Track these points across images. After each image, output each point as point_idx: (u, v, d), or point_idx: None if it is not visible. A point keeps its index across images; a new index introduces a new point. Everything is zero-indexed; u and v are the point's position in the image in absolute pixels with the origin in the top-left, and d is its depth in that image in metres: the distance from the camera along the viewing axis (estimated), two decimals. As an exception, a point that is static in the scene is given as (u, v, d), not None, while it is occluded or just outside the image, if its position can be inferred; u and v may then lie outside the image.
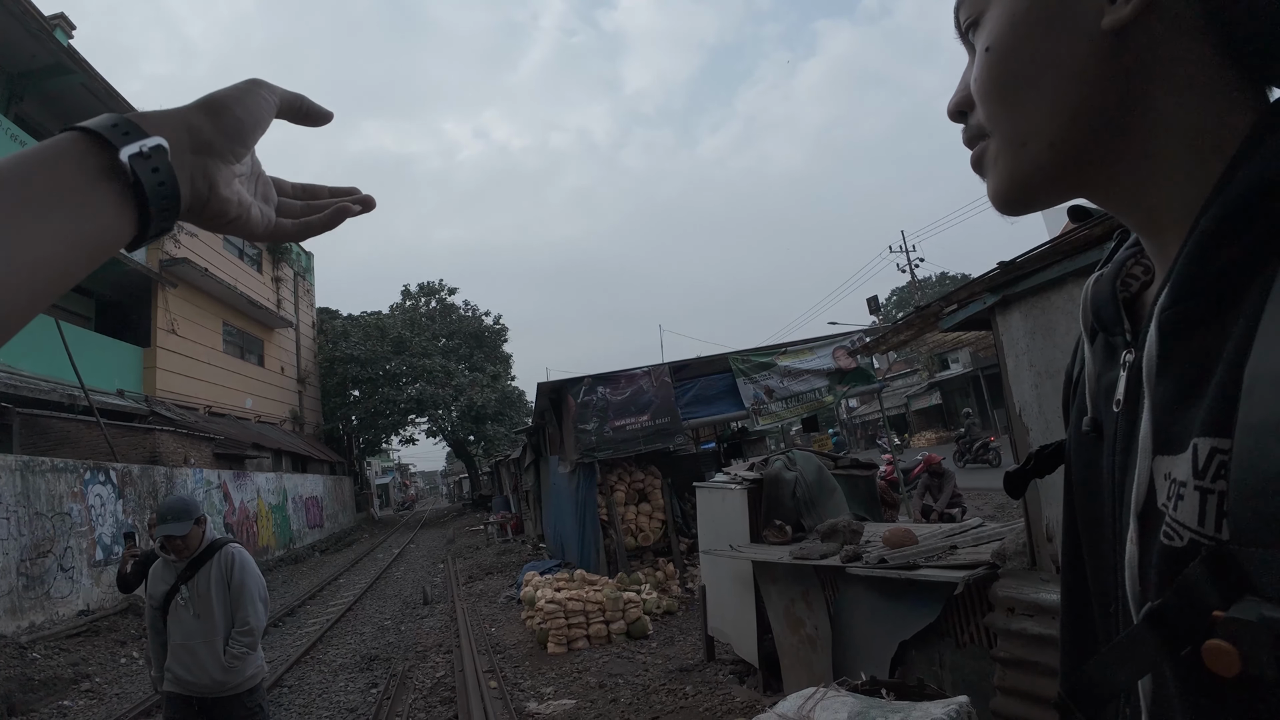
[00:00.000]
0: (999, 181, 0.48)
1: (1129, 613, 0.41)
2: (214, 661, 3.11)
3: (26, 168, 0.40)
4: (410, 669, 6.99)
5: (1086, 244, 2.50)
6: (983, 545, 3.43)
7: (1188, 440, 0.37)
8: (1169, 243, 0.43)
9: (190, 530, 3.17)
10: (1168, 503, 0.38)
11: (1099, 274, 0.53)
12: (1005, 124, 0.46)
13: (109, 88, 14.82)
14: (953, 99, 0.52)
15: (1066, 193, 0.48)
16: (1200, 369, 0.37)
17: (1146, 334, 0.42)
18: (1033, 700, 2.60)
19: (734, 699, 4.90)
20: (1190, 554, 0.35)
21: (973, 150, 0.50)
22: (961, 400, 33.96)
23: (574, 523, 10.18)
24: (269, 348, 24.72)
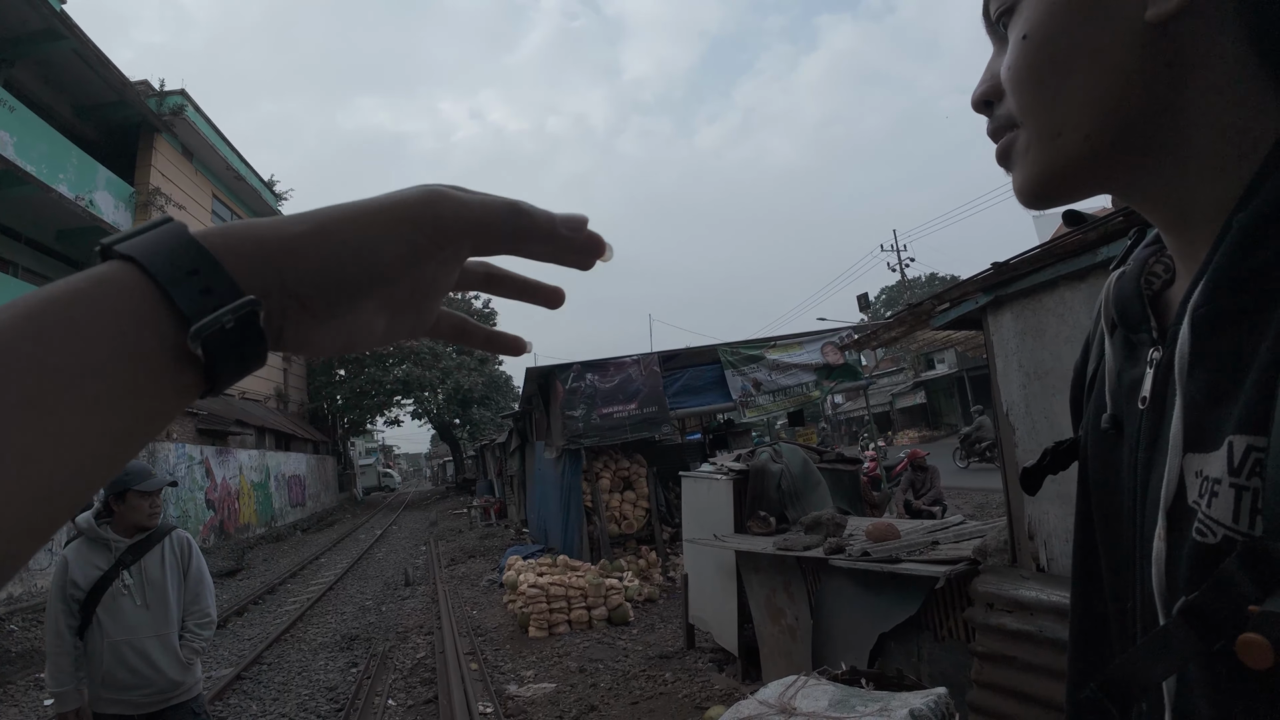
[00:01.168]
0: (1029, 173, 0.47)
1: (1150, 609, 0.41)
2: (169, 658, 2.67)
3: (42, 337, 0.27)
4: (391, 649, 7.00)
5: (1080, 248, 2.52)
6: (964, 542, 3.48)
7: (1220, 438, 0.37)
8: (1197, 240, 0.43)
9: (157, 499, 2.78)
10: (1199, 500, 0.38)
11: (1121, 271, 0.52)
12: (1039, 114, 0.45)
13: (101, 55, 14.55)
14: (978, 89, 0.50)
15: (1095, 187, 0.47)
16: (1234, 367, 0.37)
17: (1175, 331, 0.42)
18: (1009, 694, 2.65)
19: (713, 686, 4.95)
20: (1224, 550, 0.35)
21: (998, 142, 0.49)
22: (946, 400, 34.27)
23: (558, 508, 10.21)
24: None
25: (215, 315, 0.30)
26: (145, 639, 2.62)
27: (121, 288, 0.29)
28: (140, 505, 2.70)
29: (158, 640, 2.64)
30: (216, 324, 0.30)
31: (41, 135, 13.31)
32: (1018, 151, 0.47)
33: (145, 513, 2.72)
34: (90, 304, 0.28)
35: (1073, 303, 2.62)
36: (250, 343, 0.31)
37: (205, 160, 20.47)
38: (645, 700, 4.91)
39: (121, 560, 2.64)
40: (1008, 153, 0.48)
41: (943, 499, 9.37)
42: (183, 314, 0.29)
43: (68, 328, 0.28)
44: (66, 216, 14.23)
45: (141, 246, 0.31)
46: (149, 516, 2.75)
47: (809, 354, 10.39)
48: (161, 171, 17.84)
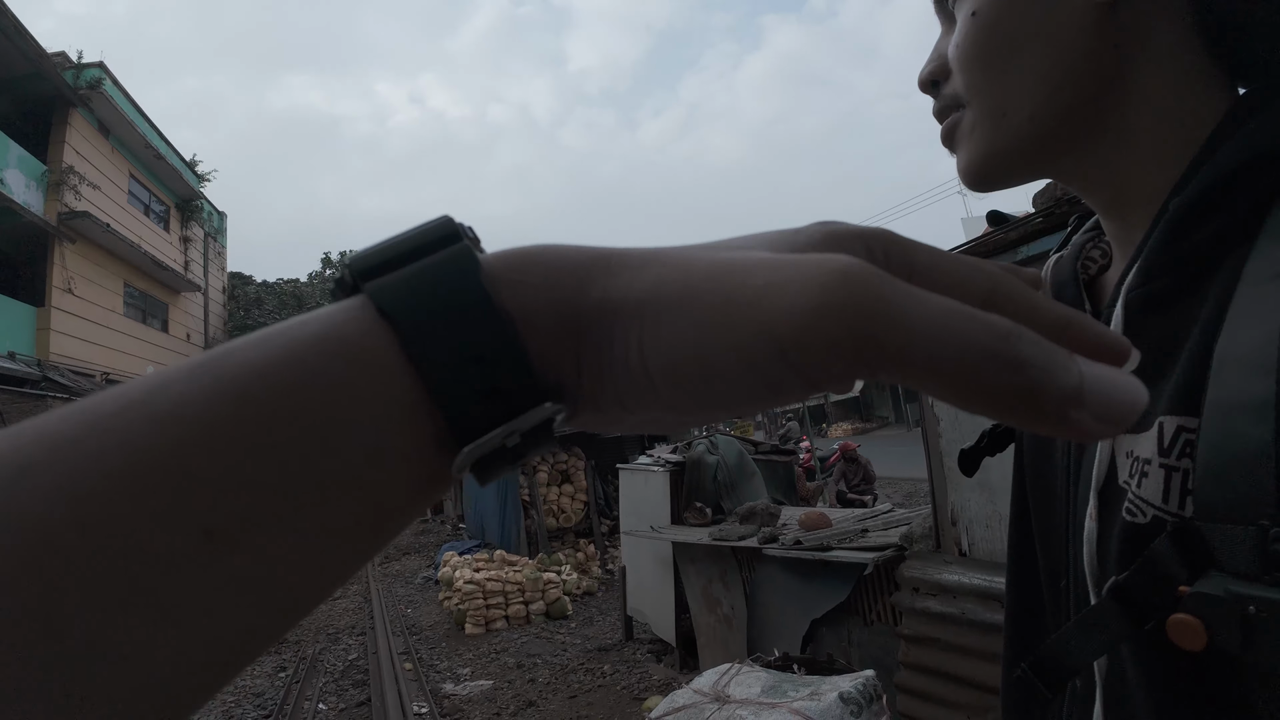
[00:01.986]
0: (974, 153, 0.47)
1: (1082, 588, 0.41)
2: None
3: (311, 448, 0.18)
4: (321, 652, 6.79)
5: (1002, 247, 2.63)
6: (892, 529, 3.59)
7: (1151, 419, 0.37)
8: (1134, 224, 0.44)
9: None
10: (1130, 480, 0.38)
11: (1058, 256, 0.53)
12: (985, 93, 0.45)
13: (18, 24, 13.54)
14: (925, 68, 0.50)
15: (1039, 169, 0.47)
16: (1165, 349, 0.38)
17: (1108, 314, 0.42)
18: (934, 674, 2.75)
19: (651, 677, 4.98)
20: (1153, 531, 0.35)
21: (943, 123, 0.49)
22: (878, 394, 35.41)
23: (495, 503, 10.08)
24: (174, 312, 23.29)
25: (499, 432, 0.20)
26: None
27: (380, 371, 0.19)
28: None
29: None
30: (495, 443, 0.20)
31: (-49, 111, 12.34)
32: (963, 131, 0.47)
33: None
34: (352, 400, 0.19)
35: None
36: (532, 446, 0.21)
37: (123, 137, 19.31)
38: (584, 693, 4.90)
39: None
40: (952, 133, 0.48)
41: (874, 489, 9.69)
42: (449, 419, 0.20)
43: (328, 431, 0.18)
44: (-26, 197, 13.23)
45: (402, 295, 0.20)
46: None
47: (747, 347, 10.53)
48: (76, 149, 16.76)
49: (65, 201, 15.83)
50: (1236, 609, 0.29)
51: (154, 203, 22.07)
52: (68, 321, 16.13)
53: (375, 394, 0.19)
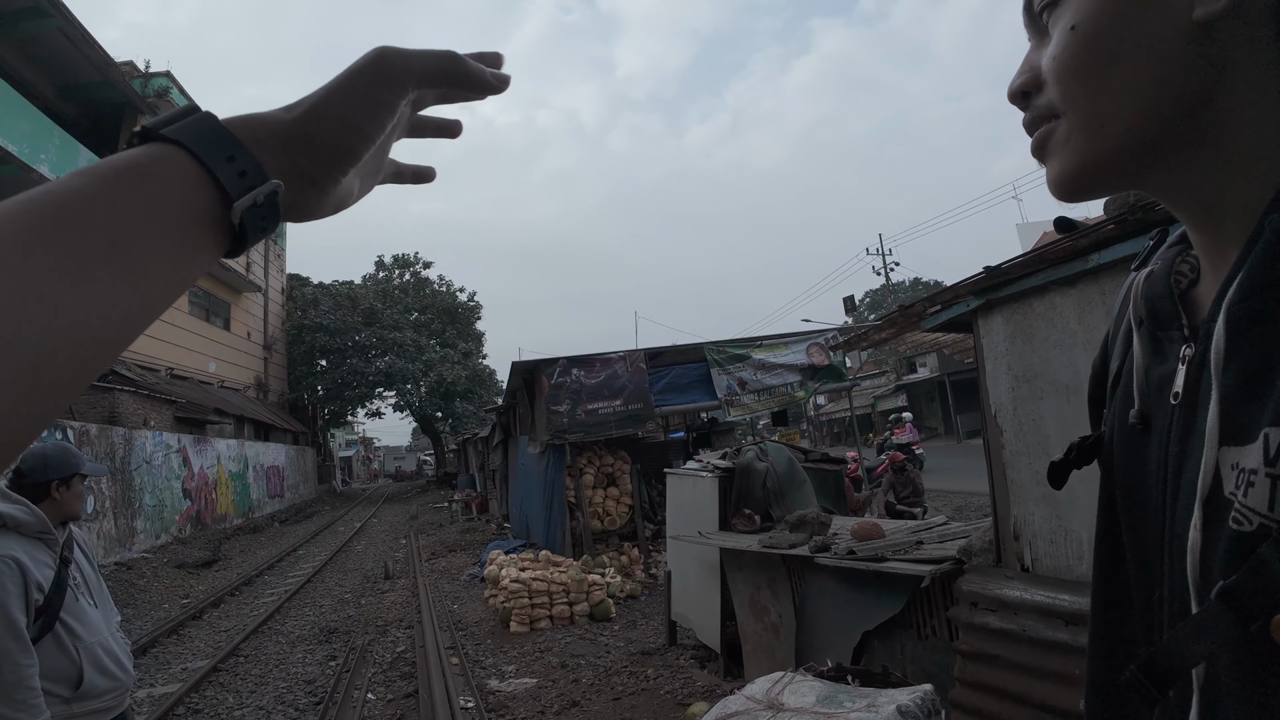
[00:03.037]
0: (1069, 163, 0.48)
1: (1180, 599, 0.43)
2: (126, 655, 2.44)
3: (119, 197, 0.35)
4: (370, 643, 6.95)
5: (1071, 254, 2.56)
6: (948, 542, 3.52)
7: (1256, 431, 0.38)
8: (1227, 239, 0.45)
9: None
10: (1236, 490, 0.39)
11: (1149, 270, 0.53)
12: (1084, 104, 0.46)
13: (86, 34, 14.28)
14: (1016, 80, 0.51)
15: (1131, 180, 0.48)
16: (1267, 364, 0.39)
17: (1208, 328, 0.43)
18: (991, 692, 2.68)
19: (695, 683, 4.97)
20: (1260, 537, 0.37)
21: (1034, 134, 0.50)
22: (927, 403, 34.63)
23: (541, 503, 10.18)
24: (236, 311, 24.19)
25: (251, 195, 0.39)
26: (111, 640, 2.39)
27: (174, 164, 0.37)
28: (81, 492, 2.44)
29: (116, 639, 2.42)
30: (250, 201, 0.39)
31: (24, 114, 13.04)
32: (1056, 142, 0.48)
33: (82, 499, 2.47)
34: (156, 177, 0.36)
35: (1063, 308, 2.65)
36: (271, 216, 0.40)
37: (188, 144, 20.15)
38: (627, 696, 4.91)
39: (64, 556, 2.33)
40: (1044, 143, 0.49)
41: (923, 501, 9.48)
42: (224, 191, 0.38)
43: (142, 192, 0.36)
44: (46, 198, 13.93)
45: (184, 132, 0.38)
46: (83, 503, 2.50)
47: (794, 354, 10.43)
48: (143, 155, 17.54)
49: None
50: None
51: (218, 206, 22.91)
52: (136, 318, 16.85)
53: (178, 177, 0.37)
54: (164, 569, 11.61)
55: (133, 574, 10.79)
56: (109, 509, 11.85)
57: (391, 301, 33.50)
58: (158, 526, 13.73)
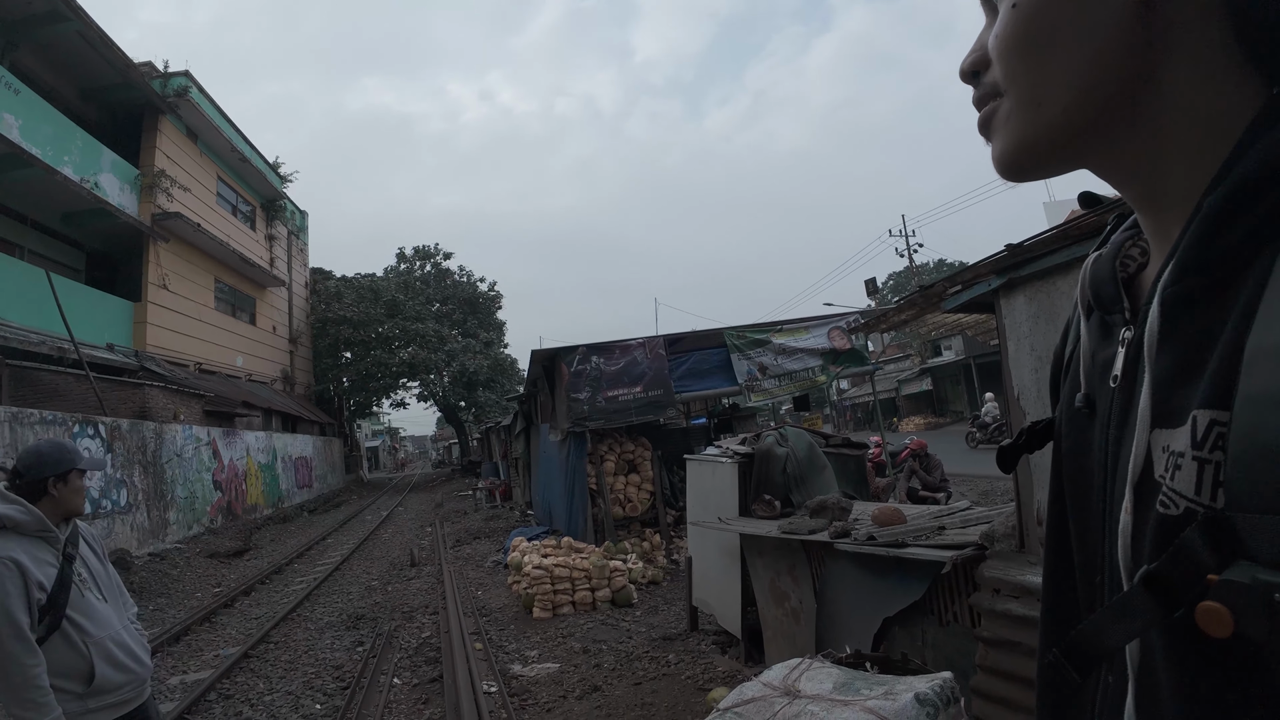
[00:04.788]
0: (1008, 142, 0.48)
1: (1117, 581, 0.43)
2: (141, 646, 2.44)
3: None
4: (396, 629, 7.05)
5: (1096, 230, 2.48)
6: (971, 527, 3.46)
7: (1186, 413, 0.39)
8: (1170, 221, 0.45)
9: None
10: (1165, 474, 0.39)
11: (1097, 254, 0.54)
12: (1022, 83, 0.46)
13: (104, 36, 14.47)
14: (967, 58, 0.52)
15: (1071, 160, 0.48)
16: (1200, 345, 0.39)
17: (1146, 312, 0.43)
18: (1013, 679, 2.64)
19: (716, 668, 4.97)
20: (1185, 521, 0.37)
21: (981, 111, 0.50)
22: (952, 387, 34.18)
23: (563, 491, 10.23)
24: (261, 306, 24.54)
25: None
26: (123, 633, 2.37)
27: None
28: (81, 487, 2.38)
29: (129, 632, 2.40)
30: None
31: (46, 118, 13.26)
32: (999, 120, 0.49)
33: (83, 495, 2.41)
34: None
35: (1086, 286, 2.58)
36: None
37: (210, 142, 20.41)
38: (648, 681, 4.93)
39: (67, 552, 2.30)
40: (989, 121, 0.50)
41: (948, 487, 9.37)
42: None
43: None
44: (72, 199, 14.22)
45: None
46: (84, 499, 2.45)
47: (816, 338, 10.34)
48: (166, 154, 17.80)
49: (158, 203, 16.85)
50: (1263, 597, 0.31)
51: (241, 203, 23.26)
52: (163, 315, 17.21)
53: None
54: (196, 559, 11.87)
55: (166, 564, 11.05)
56: (142, 501, 12.12)
57: (413, 293, 33.78)
58: (190, 517, 14.03)
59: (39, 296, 12.04)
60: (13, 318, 11.84)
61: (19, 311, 12.00)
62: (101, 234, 16.19)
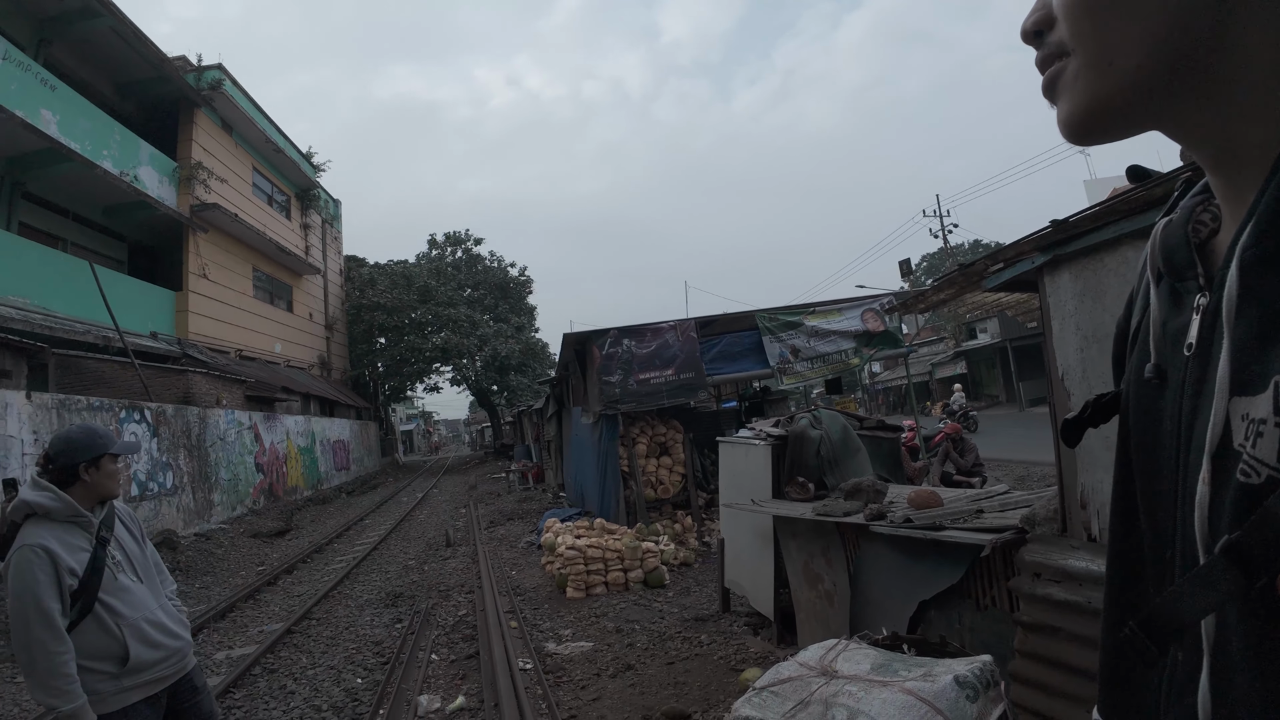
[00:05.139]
0: (1076, 104, 0.46)
1: (1191, 554, 0.42)
2: (177, 622, 2.48)
3: None
4: (433, 607, 7.20)
5: (1145, 205, 2.39)
6: (1010, 511, 3.40)
7: (1268, 380, 0.37)
8: (1245, 182, 0.43)
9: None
10: (1245, 442, 0.38)
11: (1168, 220, 0.52)
12: (1091, 41, 0.45)
13: (138, 31, 14.73)
14: (1029, 17, 0.50)
15: (1142, 122, 0.46)
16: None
17: (1222, 277, 0.42)
18: (1053, 665, 2.60)
19: (748, 649, 4.99)
20: (1268, 490, 0.36)
21: (1045, 73, 0.49)
22: (988, 370, 33.53)
23: (595, 473, 10.31)
24: (297, 294, 25.01)
25: None
26: (158, 613, 2.40)
27: None
28: (114, 471, 2.38)
29: (165, 611, 2.44)
30: None
31: (83, 113, 13.55)
32: (1065, 81, 0.47)
33: (117, 480, 2.40)
34: None
35: (1136, 263, 2.47)
36: None
37: (244, 133, 20.75)
38: (681, 661, 4.97)
39: (101, 536, 2.32)
40: (1054, 82, 0.48)
41: (982, 471, 9.23)
42: None
43: None
44: (112, 192, 14.59)
45: None
46: (118, 484, 2.43)
47: (849, 320, 10.21)
48: (202, 146, 18.14)
49: (196, 194, 17.22)
50: None
51: (276, 193, 23.65)
52: (203, 304, 17.64)
53: None
54: (240, 539, 12.24)
55: (211, 544, 11.42)
56: (187, 484, 12.52)
57: (445, 279, 34.13)
58: (233, 499, 14.46)
59: (83, 287, 12.43)
60: (58, 308, 12.25)
61: (64, 302, 12.40)
62: (142, 226, 16.62)
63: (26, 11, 13.13)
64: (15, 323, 10.48)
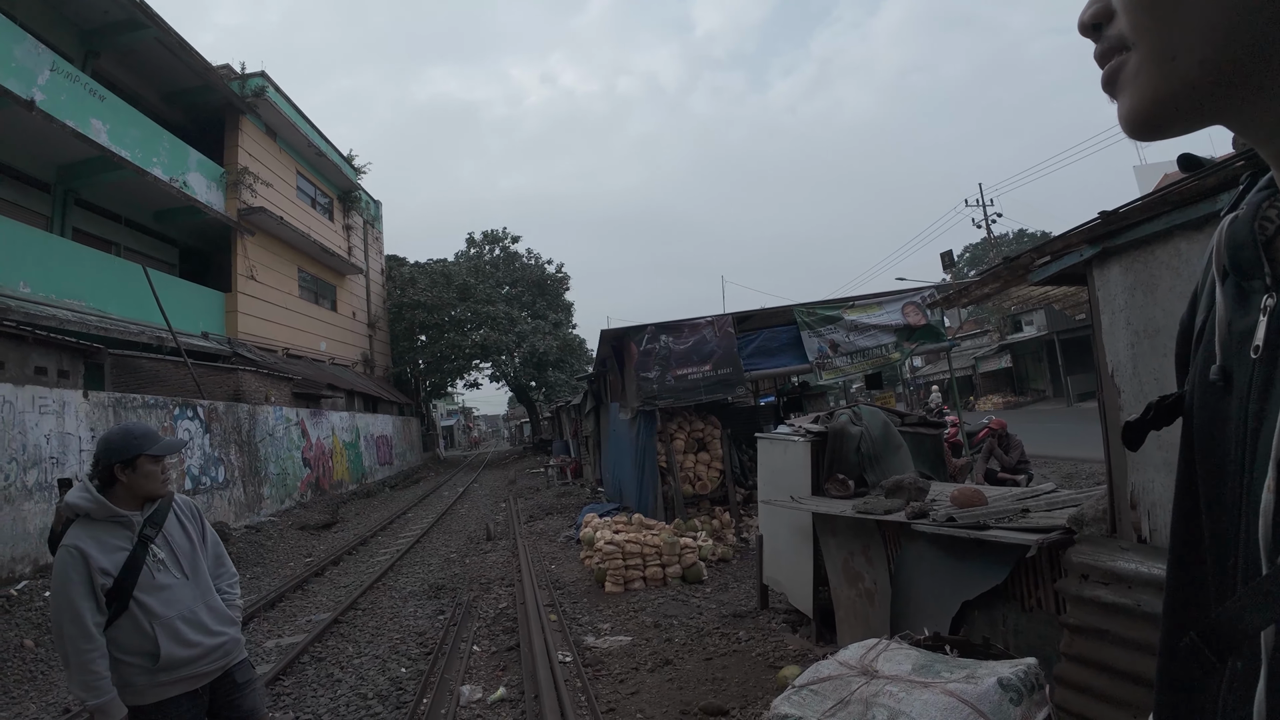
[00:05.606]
0: (1137, 100, 0.45)
1: (1255, 563, 0.41)
2: (221, 619, 2.49)
3: None
4: (475, 599, 7.32)
5: (1198, 195, 2.31)
6: (1057, 510, 3.32)
7: None
8: None
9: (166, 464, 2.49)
10: None
11: (1233, 216, 0.51)
12: (1154, 35, 0.43)
13: (182, 42, 15.20)
14: (1087, 9, 0.49)
15: (1205, 117, 0.45)
16: None
17: None
18: (1100, 669, 2.54)
19: (787, 647, 4.96)
20: None
21: (1104, 67, 0.48)
22: (1034, 365, 32.66)
23: (633, 468, 10.34)
24: (341, 293, 25.60)
25: None
26: (198, 610, 2.41)
27: None
28: (153, 472, 2.39)
29: (207, 609, 2.44)
30: None
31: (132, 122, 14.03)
32: (1127, 75, 0.46)
33: (158, 479, 2.41)
34: None
35: (1189, 255, 2.41)
36: None
37: (288, 139, 21.29)
38: (719, 657, 4.97)
39: (144, 535, 2.35)
40: (1115, 77, 0.47)
41: (1029, 469, 9.00)
42: None
43: None
44: (162, 198, 15.12)
45: None
46: (161, 484, 2.44)
47: (889, 314, 10.05)
48: (248, 151, 18.67)
49: (242, 199, 17.74)
50: None
51: (319, 196, 24.22)
52: (251, 304, 18.19)
53: None
54: (288, 531, 12.61)
55: (261, 536, 11.79)
56: (238, 477, 12.96)
57: (483, 276, 34.57)
58: (281, 492, 14.90)
59: (137, 290, 12.92)
60: (113, 310, 12.76)
61: (119, 304, 12.91)
62: (192, 230, 17.20)
63: (72, 25, 13.67)
64: (72, 325, 10.96)
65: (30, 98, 10.99)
